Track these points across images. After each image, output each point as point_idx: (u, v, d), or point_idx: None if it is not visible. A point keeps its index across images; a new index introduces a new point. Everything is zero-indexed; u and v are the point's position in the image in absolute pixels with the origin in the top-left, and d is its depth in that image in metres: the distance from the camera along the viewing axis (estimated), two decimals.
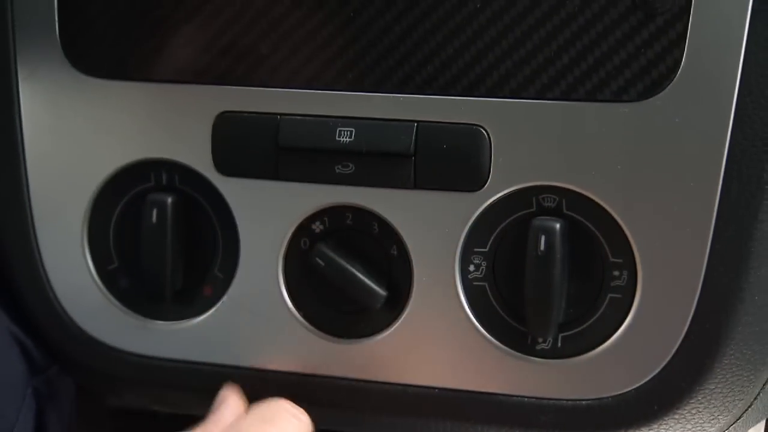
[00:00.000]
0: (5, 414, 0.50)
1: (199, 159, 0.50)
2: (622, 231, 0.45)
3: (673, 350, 0.45)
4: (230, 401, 0.47)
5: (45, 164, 0.51)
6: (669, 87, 0.43)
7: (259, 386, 0.51)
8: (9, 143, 0.51)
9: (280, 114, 0.48)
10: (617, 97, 0.44)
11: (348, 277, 0.48)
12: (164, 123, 0.50)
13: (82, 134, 0.51)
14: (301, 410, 0.45)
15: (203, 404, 0.57)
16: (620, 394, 0.46)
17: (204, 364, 0.51)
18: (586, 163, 0.45)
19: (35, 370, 0.53)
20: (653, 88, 0.44)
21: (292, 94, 0.48)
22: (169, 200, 0.50)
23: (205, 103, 0.49)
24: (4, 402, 0.51)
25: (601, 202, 0.45)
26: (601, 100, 0.44)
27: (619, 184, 0.45)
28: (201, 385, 0.52)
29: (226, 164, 0.49)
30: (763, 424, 0.70)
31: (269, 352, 0.51)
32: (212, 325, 0.51)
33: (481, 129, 0.46)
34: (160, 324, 0.52)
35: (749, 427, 0.50)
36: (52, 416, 0.54)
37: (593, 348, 0.46)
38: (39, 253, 0.52)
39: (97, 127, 0.50)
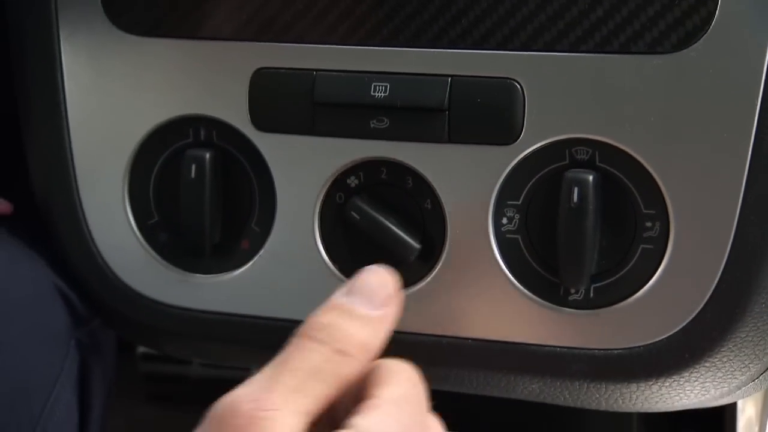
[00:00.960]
0: (50, 363, 0.52)
1: (237, 115, 0.51)
2: (655, 182, 0.45)
3: (705, 300, 0.45)
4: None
5: (86, 122, 0.53)
6: (702, 38, 0.44)
7: None
8: (52, 102, 0.52)
9: (316, 70, 0.49)
10: (651, 49, 0.44)
11: (382, 230, 0.49)
12: (202, 80, 0.51)
13: (122, 92, 0.52)
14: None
15: (241, 357, 0.59)
16: (652, 344, 0.47)
17: (242, 316, 0.53)
18: (619, 116, 0.45)
19: (79, 322, 0.54)
20: (687, 40, 0.44)
21: (328, 50, 0.49)
22: (207, 156, 0.51)
23: (243, 60, 0.50)
24: (49, 352, 0.52)
25: (634, 154, 0.45)
26: (635, 52, 0.45)
27: (652, 136, 0.45)
28: (239, 336, 0.53)
29: (262, 120, 0.50)
30: None
31: (305, 304, 0.51)
32: (250, 278, 0.52)
33: (515, 83, 0.47)
34: (199, 277, 0.53)
35: None
36: (96, 368, 0.56)
37: (625, 298, 0.47)
38: (82, 209, 0.53)
39: (136, 85, 0.51)
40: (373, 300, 0.42)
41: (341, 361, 0.39)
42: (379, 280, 0.43)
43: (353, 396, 0.39)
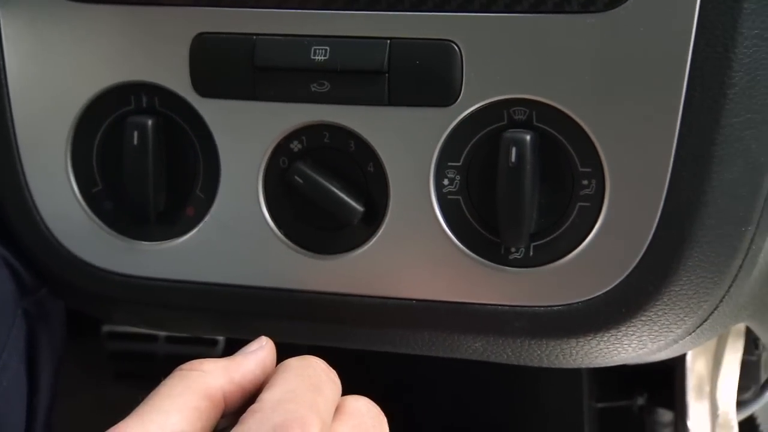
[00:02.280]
0: None
1: (178, 81, 0.51)
2: (590, 141, 0.46)
3: (640, 255, 0.46)
4: (262, 354, 0.43)
5: (27, 90, 0.52)
6: None
7: (242, 303, 0.53)
8: None
9: (256, 34, 0.49)
10: (584, 8, 0.45)
11: (326, 194, 0.50)
12: (143, 46, 0.51)
13: (62, 59, 0.51)
14: (334, 372, 0.43)
15: (187, 323, 0.59)
16: (590, 299, 0.48)
17: (188, 282, 0.53)
18: (554, 75, 0.46)
19: (25, 291, 0.54)
20: None
21: (267, 14, 0.49)
22: (150, 122, 0.51)
23: (183, 25, 0.50)
24: None
25: (570, 113, 0.46)
26: (569, 12, 0.45)
27: (586, 94, 0.46)
28: (186, 303, 0.53)
29: (204, 85, 0.50)
30: (742, 341, 0.72)
31: (251, 269, 0.52)
32: (195, 245, 0.52)
33: (453, 44, 0.47)
34: (145, 244, 0.53)
35: (717, 332, 0.52)
36: (43, 337, 0.55)
37: (564, 255, 0.48)
38: (24, 178, 0.53)
39: (77, 52, 0.51)
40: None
41: (190, 375, 0.40)
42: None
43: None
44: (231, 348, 0.85)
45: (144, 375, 0.85)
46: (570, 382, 0.69)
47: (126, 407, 0.39)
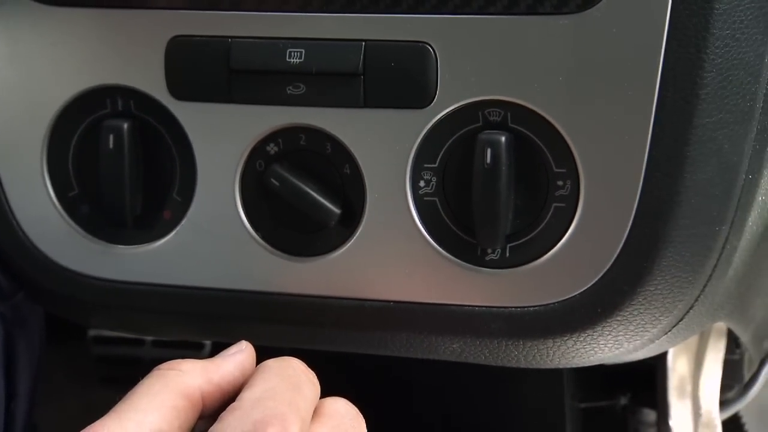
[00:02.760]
0: None
1: (154, 84, 0.50)
2: (565, 142, 0.46)
3: (615, 255, 0.46)
4: (241, 357, 0.43)
5: (1, 94, 0.52)
6: None
7: (220, 306, 0.52)
8: None
9: (231, 37, 0.49)
10: (557, 10, 0.45)
11: (302, 196, 0.50)
12: (118, 49, 0.50)
13: (37, 62, 0.51)
14: (313, 373, 0.43)
15: (166, 327, 0.59)
16: (566, 300, 0.48)
17: (166, 286, 0.53)
18: (528, 77, 0.46)
19: (2, 296, 0.54)
20: (591, 0, 0.45)
21: (243, 16, 0.49)
22: (125, 126, 0.51)
23: (158, 28, 0.50)
24: None
25: (544, 114, 0.46)
26: (542, 13, 0.45)
27: (560, 96, 0.46)
28: (164, 307, 0.53)
29: (179, 89, 0.50)
30: (723, 340, 0.72)
31: (229, 272, 0.52)
32: (173, 248, 0.52)
33: (428, 46, 0.47)
34: (122, 248, 0.53)
35: (693, 332, 0.52)
36: (21, 342, 0.55)
37: (540, 256, 0.48)
38: (0, 182, 0.53)
39: (52, 55, 0.51)
40: None
41: (168, 375, 0.41)
42: None
43: None
44: (217, 352, 0.86)
45: (130, 379, 0.85)
46: (551, 382, 0.69)
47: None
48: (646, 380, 0.74)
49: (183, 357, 0.76)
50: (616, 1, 0.44)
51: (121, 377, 0.87)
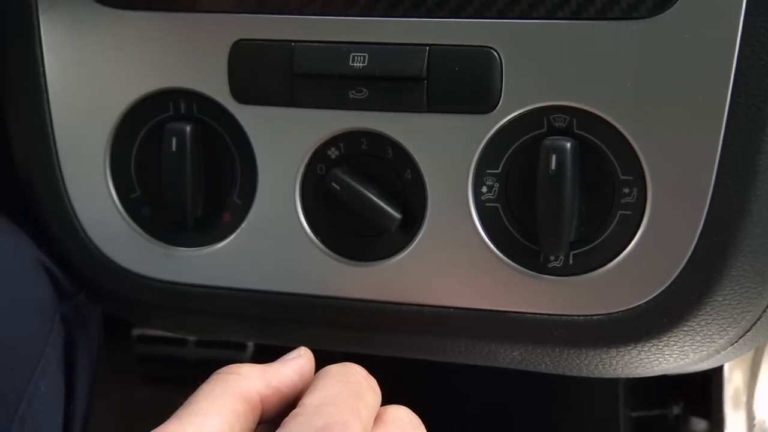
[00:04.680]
0: (35, 338, 0.52)
1: (217, 87, 0.51)
2: (632, 148, 0.46)
3: (682, 264, 0.46)
4: (300, 362, 0.43)
5: (67, 96, 0.53)
6: (678, 2, 0.44)
7: (278, 309, 0.52)
8: (32, 76, 0.52)
9: (295, 41, 0.49)
10: (627, 15, 0.44)
11: (363, 201, 0.49)
12: (182, 52, 0.51)
13: (102, 65, 0.52)
14: (374, 380, 0.43)
15: (223, 329, 0.59)
16: (630, 309, 0.47)
17: (225, 288, 0.53)
18: (596, 82, 0.45)
19: (63, 297, 0.55)
20: (662, 5, 0.44)
21: (306, 20, 0.49)
22: (188, 129, 0.51)
23: (222, 32, 0.50)
24: (33, 326, 0.53)
25: (611, 120, 0.46)
26: (611, 18, 0.45)
27: (629, 102, 0.45)
28: (222, 309, 0.53)
29: (242, 92, 0.50)
30: None
31: (287, 275, 0.52)
32: (232, 251, 0.52)
33: (493, 51, 0.47)
34: (182, 250, 0.53)
35: (759, 342, 0.51)
36: (81, 342, 0.56)
37: (604, 264, 0.47)
38: (64, 184, 0.53)
39: (116, 58, 0.52)
40: None
41: (228, 379, 0.40)
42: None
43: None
44: (261, 352, 0.86)
45: (172, 379, 0.85)
46: (607, 391, 0.68)
47: (153, 411, 0.39)
48: (699, 389, 0.73)
49: (225, 357, 0.76)
50: (688, 6, 0.43)
51: (163, 376, 0.88)
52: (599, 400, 0.69)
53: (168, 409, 0.39)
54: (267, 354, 0.44)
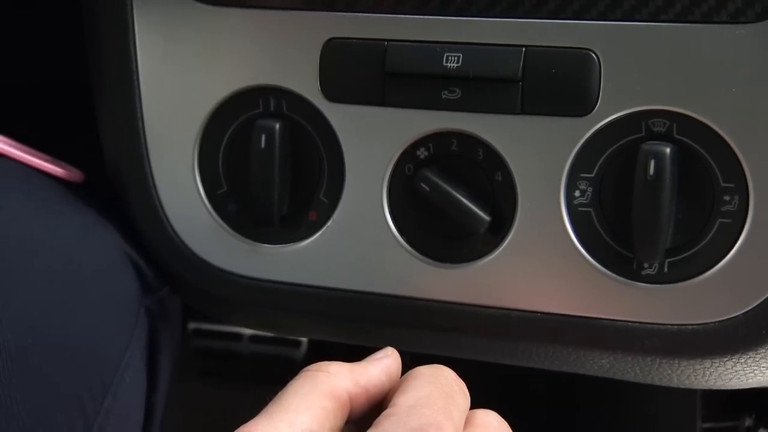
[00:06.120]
0: (121, 330, 0.53)
1: (307, 85, 0.51)
2: (735, 155, 0.44)
3: None
4: (388, 361, 0.43)
5: (158, 91, 0.53)
6: None
7: (362, 309, 0.52)
8: (125, 72, 0.53)
9: (387, 40, 0.49)
10: (734, 19, 0.43)
11: (452, 202, 0.49)
12: (273, 50, 0.51)
13: (193, 61, 0.52)
14: (464, 383, 0.42)
15: (306, 327, 0.59)
16: (727, 319, 0.46)
17: (309, 286, 0.53)
18: (699, 87, 0.44)
19: (148, 290, 0.55)
20: None
21: (400, 19, 0.49)
22: (277, 126, 0.51)
23: (314, 30, 0.50)
24: (119, 319, 0.53)
25: (714, 126, 0.45)
26: (717, 22, 0.44)
27: (733, 107, 0.44)
28: (306, 307, 0.53)
29: (333, 90, 0.50)
30: None
31: (372, 275, 0.52)
32: (317, 249, 0.52)
33: (591, 53, 0.46)
34: (267, 247, 0.53)
35: None
36: (164, 335, 0.56)
37: (701, 273, 0.46)
38: (152, 178, 0.54)
39: (208, 55, 0.52)
40: None
41: (317, 376, 0.40)
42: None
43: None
44: (315, 349, 0.86)
45: (227, 373, 0.86)
46: (684, 401, 0.67)
47: (207, 404, 0.39)
48: None
49: (280, 353, 0.76)
50: None
51: (218, 371, 0.89)
52: (675, 411, 0.68)
53: (222, 402, 0.39)
54: (321, 352, 0.44)
